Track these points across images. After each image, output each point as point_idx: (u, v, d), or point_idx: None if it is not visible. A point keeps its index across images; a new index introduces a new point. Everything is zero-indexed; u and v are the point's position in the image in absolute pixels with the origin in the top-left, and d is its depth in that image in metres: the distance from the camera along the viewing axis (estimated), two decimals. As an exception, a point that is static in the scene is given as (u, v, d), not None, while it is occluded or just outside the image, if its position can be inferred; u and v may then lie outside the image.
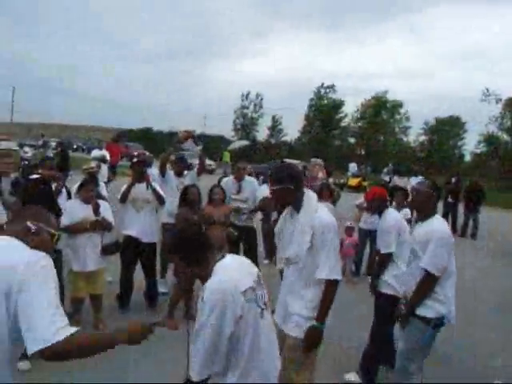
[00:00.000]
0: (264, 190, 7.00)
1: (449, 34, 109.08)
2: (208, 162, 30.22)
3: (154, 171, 6.32)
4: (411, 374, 3.56)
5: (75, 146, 43.74)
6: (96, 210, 4.82)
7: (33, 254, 1.81)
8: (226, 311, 2.12)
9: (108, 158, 13.16)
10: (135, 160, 5.76)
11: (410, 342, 3.53)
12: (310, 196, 3.07)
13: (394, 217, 4.41)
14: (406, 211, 7.17)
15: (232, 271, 2.26)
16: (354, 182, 25.50)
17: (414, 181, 13.70)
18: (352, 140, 53.81)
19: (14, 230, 1.96)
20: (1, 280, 1.70)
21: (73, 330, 1.69)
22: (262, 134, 57.12)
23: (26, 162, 16.71)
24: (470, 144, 49.66)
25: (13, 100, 60.12)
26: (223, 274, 2.21)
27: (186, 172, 6.52)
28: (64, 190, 5.07)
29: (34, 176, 4.35)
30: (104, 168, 10.26)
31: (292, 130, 71.55)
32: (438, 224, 3.57)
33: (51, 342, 1.62)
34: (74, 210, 4.82)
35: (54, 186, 4.68)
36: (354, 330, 4.31)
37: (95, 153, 13.76)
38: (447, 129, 49.24)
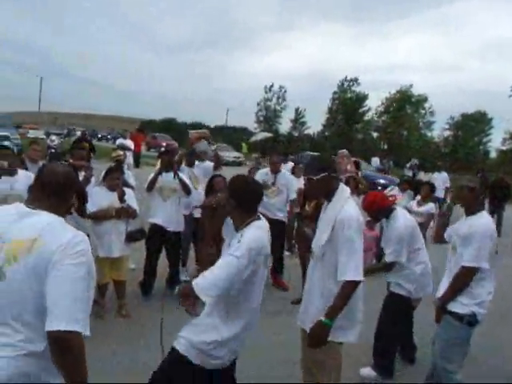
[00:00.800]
0: (298, 182, 7.06)
1: (478, 27, 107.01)
2: (237, 154, 30.55)
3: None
4: (450, 372, 3.43)
5: (100, 136, 44.24)
6: (121, 198, 4.89)
7: (74, 237, 1.82)
8: (253, 258, 2.47)
9: (132, 147, 13.38)
10: (163, 149, 5.85)
11: (444, 340, 3.45)
12: (343, 189, 3.04)
13: (404, 223, 4.11)
14: (431, 205, 7.09)
15: (264, 233, 2.63)
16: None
17: (438, 176, 13.56)
18: (375, 134, 53.26)
19: (54, 205, 1.92)
20: (44, 260, 1.74)
21: (87, 329, 1.73)
22: (284, 126, 56.94)
23: (53, 150, 17.10)
24: (496, 141, 48.70)
25: (41, 89, 61.10)
26: (259, 231, 2.59)
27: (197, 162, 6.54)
28: (93, 179, 5.14)
29: (63, 163, 4.42)
30: (129, 157, 10.41)
31: (315, 123, 71.04)
32: (483, 220, 3.48)
33: (68, 329, 1.67)
34: (99, 197, 4.88)
35: (82, 174, 4.75)
36: (371, 325, 4.29)
37: (120, 142, 14.05)
38: (473, 124, 48.28)
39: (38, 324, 1.75)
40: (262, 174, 6.53)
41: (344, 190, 3.02)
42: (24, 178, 4.58)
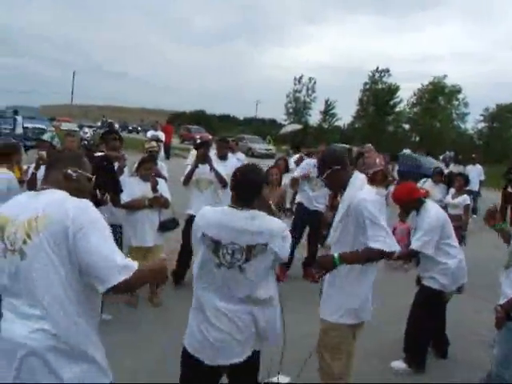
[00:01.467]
0: None
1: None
2: (268, 146, 30.81)
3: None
4: (507, 381, 3.24)
5: (130, 128, 44.86)
6: (154, 187, 4.95)
7: (79, 205, 1.92)
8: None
9: (163, 138, 13.52)
10: (198, 142, 5.83)
11: (504, 348, 3.23)
12: (356, 177, 3.07)
13: (436, 215, 4.06)
14: (466, 197, 6.96)
15: (210, 211, 2.69)
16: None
17: (472, 169, 13.24)
18: (406, 126, 52.39)
19: (55, 179, 2.05)
20: (55, 232, 1.86)
21: (133, 267, 1.89)
22: (314, 118, 56.61)
23: (86, 142, 17.46)
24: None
25: (73, 83, 62.25)
26: (208, 208, 2.75)
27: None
28: (125, 169, 5.22)
29: (99, 154, 4.52)
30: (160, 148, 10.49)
31: (345, 115, 70.43)
32: None
33: (117, 282, 1.84)
34: (132, 186, 4.95)
35: (116, 165, 4.84)
36: (403, 317, 4.26)
37: (151, 133, 14.18)
38: (509, 116, 46.92)
39: (65, 296, 1.88)
40: (309, 165, 6.39)
41: (357, 178, 3.05)
42: None
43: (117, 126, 32.03)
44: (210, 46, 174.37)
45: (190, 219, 5.65)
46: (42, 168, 4.75)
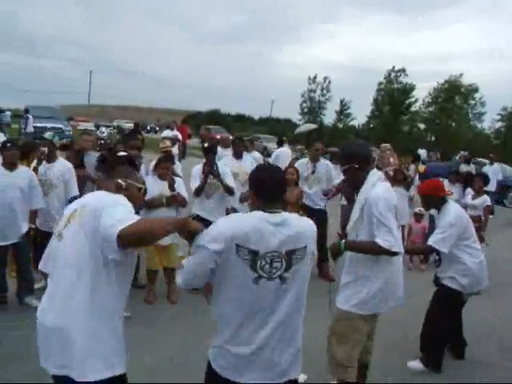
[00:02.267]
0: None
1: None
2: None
3: (227, 152, 6.37)
4: None
5: (148, 128, 45.16)
6: (171, 186, 5.00)
7: (111, 194, 2.25)
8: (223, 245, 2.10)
9: (180, 137, 13.62)
10: (205, 146, 5.61)
11: None
12: (372, 174, 3.07)
13: (457, 214, 4.04)
14: (486, 197, 6.91)
15: (237, 220, 2.21)
16: (422, 168, 24.64)
17: (489, 169, 13.11)
18: (422, 126, 51.91)
19: (107, 187, 2.37)
20: (87, 215, 2.15)
21: (129, 220, 1.98)
22: (329, 117, 56.39)
23: (102, 142, 17.66)
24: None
25: (90, 83, 62.70)
26: (232, 217, 2.33)
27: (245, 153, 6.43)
28: (143, 167, 5.28)
29: (121, 153, 4.59)
30: (175, 147, 10.59)
31: (361, 115, 70.00)
32: None
33: (117, 232, 1.94)
34: (150, 185, 5.00)
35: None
36: (420, 318, 4.25)
37: (167, 133, 14.29)
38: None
39: (94, 269, 2.09)
40: (302, 164, 6.43)
41: (373, 175, 3.06)
42: (59, 166, 5.15)
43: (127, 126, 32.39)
44: (224, 45, 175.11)
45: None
46: (43, 164, 5.19)
